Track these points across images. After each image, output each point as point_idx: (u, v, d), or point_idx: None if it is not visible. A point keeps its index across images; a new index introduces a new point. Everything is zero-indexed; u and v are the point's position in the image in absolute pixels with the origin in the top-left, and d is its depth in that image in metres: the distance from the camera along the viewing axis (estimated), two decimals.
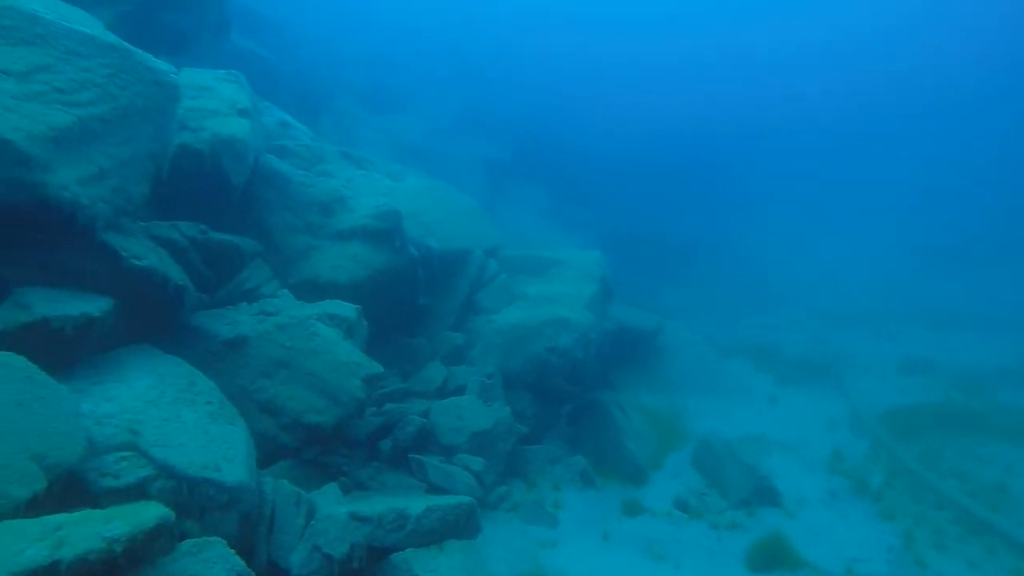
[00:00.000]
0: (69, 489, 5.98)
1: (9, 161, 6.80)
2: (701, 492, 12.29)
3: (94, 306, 7.14)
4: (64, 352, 6.97)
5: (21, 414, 5.77)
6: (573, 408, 15.08)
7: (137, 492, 6.27)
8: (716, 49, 51.12)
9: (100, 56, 8.36)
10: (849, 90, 49.63)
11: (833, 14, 52.05)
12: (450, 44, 40.25)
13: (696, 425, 16.07)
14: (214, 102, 11.20)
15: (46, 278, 7.51)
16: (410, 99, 33.17)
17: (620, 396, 15.67)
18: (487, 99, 36.17)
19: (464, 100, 34.89)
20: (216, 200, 10.96)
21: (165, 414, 6.90)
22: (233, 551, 5.88)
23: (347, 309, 10.22)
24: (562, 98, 41.38)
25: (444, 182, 17.88)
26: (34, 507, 5.61)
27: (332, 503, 7.99)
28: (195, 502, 6.54)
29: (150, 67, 8.87)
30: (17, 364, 5.99)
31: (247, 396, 9.05)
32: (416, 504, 7.52)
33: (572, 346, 13.68)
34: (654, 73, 48.76)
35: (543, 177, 32.16)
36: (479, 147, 31.01)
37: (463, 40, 41.43)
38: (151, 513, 5.10)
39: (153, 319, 8.48)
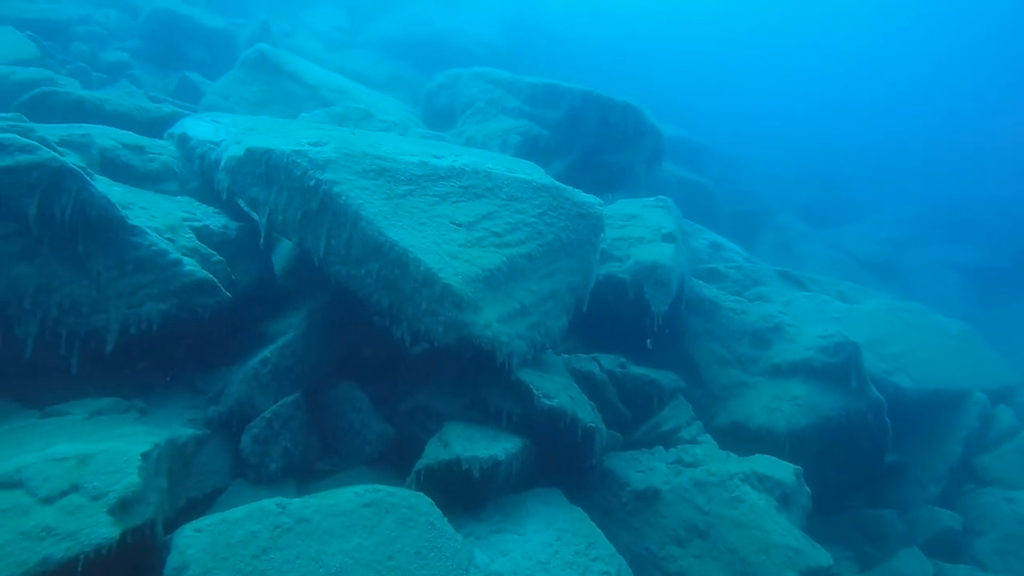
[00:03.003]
0: None
1: (448, 304, 7.20)
2: None
3: (501, 448, 6.87)
4: (472, 493, 6.80)
5: (418, 564, 5.50)
6: None
7: None
8: None
9: (534, 197, 8.75)
10: None
11: None
12: (908, 144, 35.18)
13: None
14: (639, 230, 10.93)
15: (472, 415, 7.68)
16: (860, 207, 29.42)
17: None
18: (968, 196, 29.73)
19: (933, 200, 29.33)
20: (638, 330, 10.38)
21: None
22: None
23: (783, 471, 8.04)
24: None
25: (915, 302, 14.19)
26: None
27: None
28: None
29: (576, 201, 8.95)
30: (423, 508, 5.87)
31: (654, 562, 7.62)
32: None
33: None
34: None
35: None
36: (957, 253, 25.23)
37: (922, 136, 35.81)
38: None
39: (563, 460, 7.95)
